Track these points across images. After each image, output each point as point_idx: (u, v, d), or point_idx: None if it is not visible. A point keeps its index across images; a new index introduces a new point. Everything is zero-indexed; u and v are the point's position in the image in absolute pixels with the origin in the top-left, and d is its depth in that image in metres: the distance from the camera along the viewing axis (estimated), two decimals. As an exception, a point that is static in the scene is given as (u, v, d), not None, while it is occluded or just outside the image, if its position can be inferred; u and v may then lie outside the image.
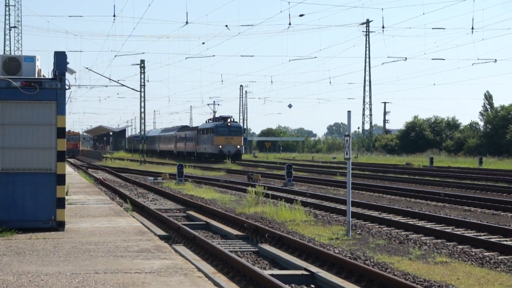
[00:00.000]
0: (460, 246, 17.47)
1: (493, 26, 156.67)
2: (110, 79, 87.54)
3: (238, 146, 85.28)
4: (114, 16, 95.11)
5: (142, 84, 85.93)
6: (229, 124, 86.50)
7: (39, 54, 16.55)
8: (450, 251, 16.69)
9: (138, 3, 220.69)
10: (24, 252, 13.02)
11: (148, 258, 12.48)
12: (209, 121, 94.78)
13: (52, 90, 15.97)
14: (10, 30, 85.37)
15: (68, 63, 16.27)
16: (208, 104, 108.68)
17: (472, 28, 68.68)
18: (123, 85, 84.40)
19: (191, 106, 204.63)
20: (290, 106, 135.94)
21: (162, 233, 19.86)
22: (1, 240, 14.59)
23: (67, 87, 16.10)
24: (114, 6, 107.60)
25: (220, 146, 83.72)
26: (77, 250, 13.37)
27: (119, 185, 42.33)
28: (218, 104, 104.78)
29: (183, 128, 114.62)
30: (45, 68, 17.72)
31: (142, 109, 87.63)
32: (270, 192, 31.71)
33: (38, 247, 13.68)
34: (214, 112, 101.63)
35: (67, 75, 16.22)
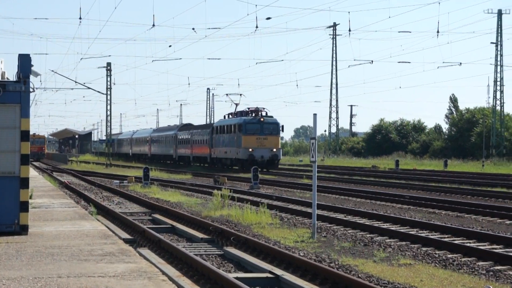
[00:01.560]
0: (424, 248, 17.59)
1: (458, 30, 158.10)
2: (76, 82, 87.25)
3: (274, 150, 65.43)
4: (80, 18, 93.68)
5: (108, 87, 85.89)
6: (262, 119, 66.00)
7: (3, 56, 16.43)
8: (414, 253, 16.80)
9: (104, 5, 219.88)
10: (-14, 257, 12.90)
11: (112, 262, 12.42)
12: (230, 116, 73.78)
13: (16, 93, 15.84)
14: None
15: (32, 65, 16.16)
16: (227, 95, 78.70)
17: (438, 32, 69.31)
18: (89, 87, 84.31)
19: (157, 109, 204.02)
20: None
21: (127, 236, 19.79)
22: (-37, 244, 14.46)
23: (31, 89, 15.99)
24: (80, 8, 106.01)
25: (250, 150, 64.48)
26: (40, 254, 13.28)
27: (84, 189, 42.12)
28: (241, 95, 78.06)
29: (186, 126, 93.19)
30: (9, 70, 17.60)
31: (108, 112, 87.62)
32: (236, 195, 31.71)
33: (0, 251, 13.55)
34: (236, 104, 75.00)
35: (32, 77, 16.11)
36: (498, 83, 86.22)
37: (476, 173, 57.84)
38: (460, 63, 76.44)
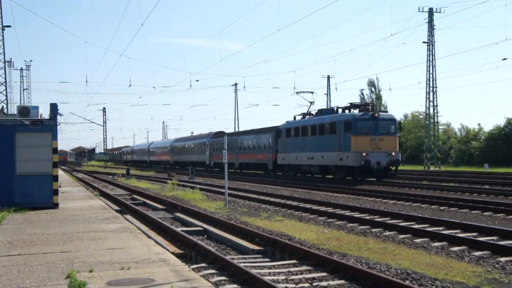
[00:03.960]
0: (289, 211, 17.86)
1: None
2: (84, 119, 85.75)
3: (393, 153, 30.28)
4: (86, 81, 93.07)
5: (104, 121, 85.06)
6: (376, 114, 30.40)
7: (41, 105, 16.18)
8: (283, 214, 17.07)
9: (102, 72, 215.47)
10: (33, 221, 12.63)
11: (109, 223, 12.32)
12: (306, 116, 37.43)
13: (49, 126, 15.63)
14: (23, 91, 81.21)
15: (58, 109, 15.91)
16: (297, 93, 35.89)
17: (294, 88, 69.57)
18: (93, 122, 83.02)
19: (134, 134, 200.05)
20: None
21: (117, 208, 19.44)
22: (20, 215, 14.10)
23: (58, 123, 15.79)
24: (86, 76, 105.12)
25: (364, 154, 29.89)
26: (66, 219, 13.06)
27: (91, 181, 41.07)
28: (312, 92, 38.15)
29: (219, 133, 57.82)
30: (45, 112, 17.22)
31: (104, 136, 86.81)
32: (181, 182, 31.56)
33: (42, 218, 13.29)
34: (311, 103, 37.85)
35: (58, 117, 15.87)
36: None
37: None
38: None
